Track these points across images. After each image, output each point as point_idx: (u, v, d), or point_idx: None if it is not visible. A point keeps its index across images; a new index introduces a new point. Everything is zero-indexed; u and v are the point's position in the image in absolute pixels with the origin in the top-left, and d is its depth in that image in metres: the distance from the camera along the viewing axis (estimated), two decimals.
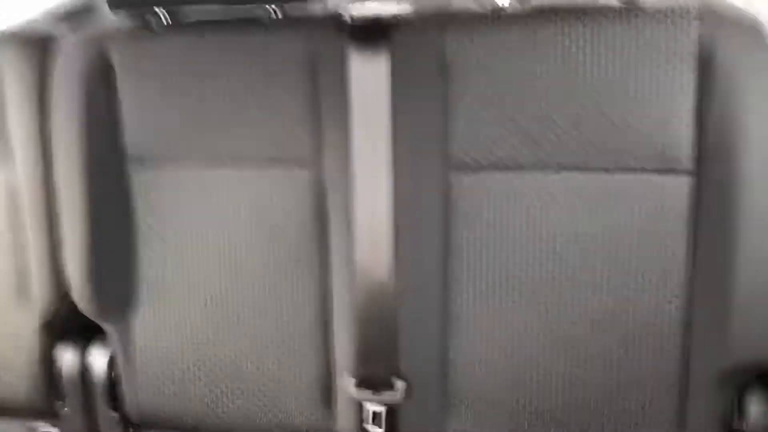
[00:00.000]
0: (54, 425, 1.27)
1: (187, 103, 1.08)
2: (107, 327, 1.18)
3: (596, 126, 0.96)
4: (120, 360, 1.18)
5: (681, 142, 0.94)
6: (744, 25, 0.91)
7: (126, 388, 1.19)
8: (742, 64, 0.90)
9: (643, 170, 0.96)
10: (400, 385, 1.04)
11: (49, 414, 1.26)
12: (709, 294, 0.96)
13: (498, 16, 0.99)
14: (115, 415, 1.21)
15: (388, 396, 1.05)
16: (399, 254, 1.02)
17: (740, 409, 0.99)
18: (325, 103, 1.03)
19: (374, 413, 1.06)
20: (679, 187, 0.95)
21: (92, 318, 1.18)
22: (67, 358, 1.22)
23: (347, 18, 1.04)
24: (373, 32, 1.00)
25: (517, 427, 1.05)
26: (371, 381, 1.05)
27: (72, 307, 1.18)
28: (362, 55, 0.99)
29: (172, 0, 1.04)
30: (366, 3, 1.06)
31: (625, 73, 0.94)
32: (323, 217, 1.06)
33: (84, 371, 1.22)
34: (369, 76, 0.99)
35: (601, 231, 0.98)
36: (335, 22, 1.04)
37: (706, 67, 0.91)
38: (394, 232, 1.01)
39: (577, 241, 0.99)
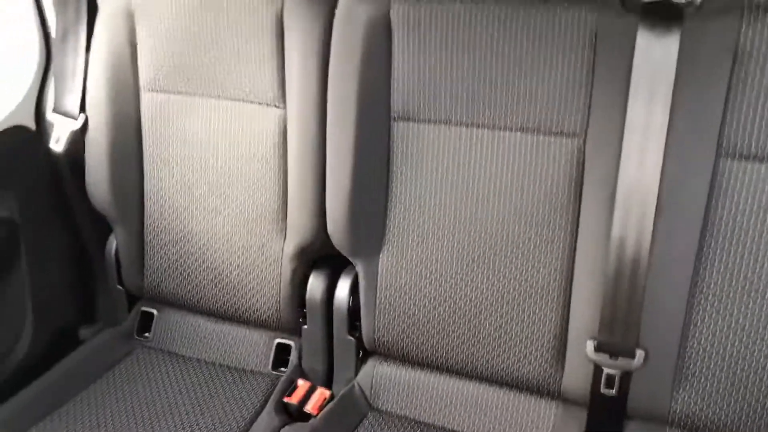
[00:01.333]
0: (291, 339, 1.43)
1: (457, 65, 1.13)
2: (355, 261, 1.30)
3: None
4: (363, 292, 1.30)
5: None
6: None
7: (364, 317, 1.31)
8: None
9: None
10: (639, 353, 1.09)
11: (289, 329, 1.42)
12: None
13: None
14: (350, 338, 1.35)
15: (625, 362, 1.10)
16: (657, 230, 1.05)
17: None
18: (603, 76, 1.05)
19: (608, 376, 1.12)
20: None
21: (343, 253, 1.29)
22: (315, 283, 1.36)
23: None
24: (667, 12, 1.00)
25: (741, 412, 1.08)
26: (611, 347, 1.10)
27: (324, 240, 1.30)
28: (653, 33, 1.00)
29: None
30: None
31: None
32: (579, 187, 1.11)
33: (329, 296, 1.35)
34: (656, 54, 1.00)
35: None
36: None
37: None
38: (656, 208, 1.04)
39: None
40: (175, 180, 1.41)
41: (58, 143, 1.42)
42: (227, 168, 1.35)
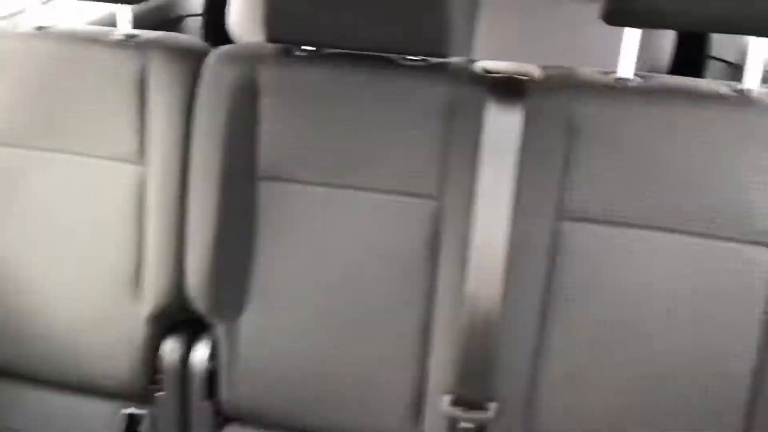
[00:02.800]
0: (144, 409, 1.36)
1: (321, 128, 1.18)
2: (216, 324, 1.27)
3: (698, 195, 1.08)
4: (223, 355, 1.27)
5: None
6: None
7: (224, 382, 1.28)
8: None
9: (735, 240, 1.08)
10: (492, 406, 1.15)
11: (140, 398, 1.35)
12: None
13: (622, 87, 1.10)
14: (208, 404, 1.30)
15: (480, 415, 1.15)
16: (506, 287, 1.12)
17: None
18: (455, 144, 1.14)
19: (464, 429, 1.17)
20: (763, 257, 1.07)
21: (203, 315, 1.27)
22: (170, 347, 1.31)
23: (483, 72, 1.15)
24: (511, 88, 1.11)
25: None
26: (465, 400, 1.15)
27: (182, 302, 1.27)
28: (499, 106, 1.10)
29: (325, 42, 1.14)
30: (499, 62, 1.17)
31: (731, 153, 1.06)
32: (435, 247, 1.17)
33: (185, 361, 1.30)
34: (502, 125, 1.10)
35: (691, 289, 1.10)
36: (473, 74, 1.15)
37: None
38: (505, 267, 1.12)
39: (668, 296, 1.11)
40: (17, 237, 1.32)
41: None
42: (78, 227, 1.30)
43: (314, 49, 1.20)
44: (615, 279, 1.12)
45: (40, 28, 1.30)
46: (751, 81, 1.10)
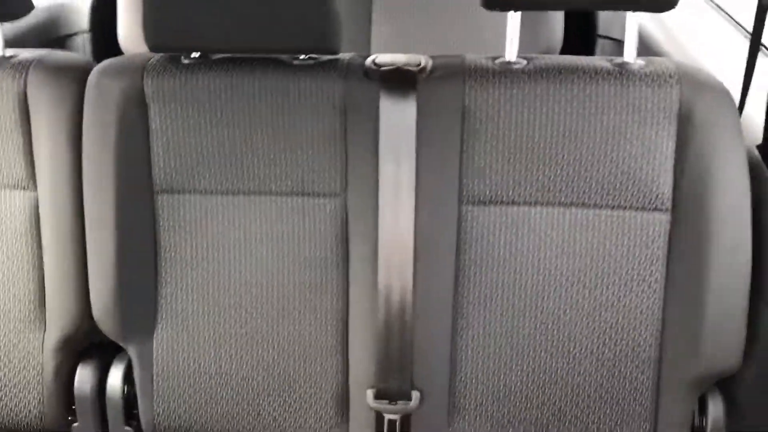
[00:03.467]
0: None
1: (217, 135, 1.16)
2: (127, 346, 1.23)
3: (590, 168, 1.12)
4: (138, 378, 1.24)
5: (662, 184, 1.11)
6: (716, 88, 1.10)
7: (142, 405, 1.24)
8: (713, 120, 1.08)
9: (630, 207, 1.12)
10: (415, 395, 1.16)
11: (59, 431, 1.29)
12: (681, 314, 1.13)
13: (508, 69, 1.13)
14: (128, 429, 1.26)
15: (403, 405, 1.16)
16: (417, 276, 1.13)
17: (701, 410, 1.17)
18: (354, 140, 1.14)
19: (390, 421, 1.17)
20: (660, 221, 1.12)
21: (112, 338, 1.23)
22: (83, 375, 1.26)
23: (374, 66, 1.15)
24: (402, 79, 1.12)
25: None
26: (389, 392, 1.16)
27: (90, 327, 1.23)
28: (392, 99, 1.11)
29: (211, 48, 1.12)
30: (391, 55, 1.18)
31: (616, 125, 1.10)
32: (345, 244, 1.17)
33: (99, 388, 1.26)
34: (397, 117, 1.11)
35: (595, 259, 1.14)
36: (365, 68, 1.15)
37: (684, 122, 1.09)
38: (414, 258, 1.13)
39: (571, 267, 1.14)
40: None
41: None
42: None
43: (202, 55, 1.18)
44: (520, 257, 1.15)
45: None
46: (629, 54, 1.14)
